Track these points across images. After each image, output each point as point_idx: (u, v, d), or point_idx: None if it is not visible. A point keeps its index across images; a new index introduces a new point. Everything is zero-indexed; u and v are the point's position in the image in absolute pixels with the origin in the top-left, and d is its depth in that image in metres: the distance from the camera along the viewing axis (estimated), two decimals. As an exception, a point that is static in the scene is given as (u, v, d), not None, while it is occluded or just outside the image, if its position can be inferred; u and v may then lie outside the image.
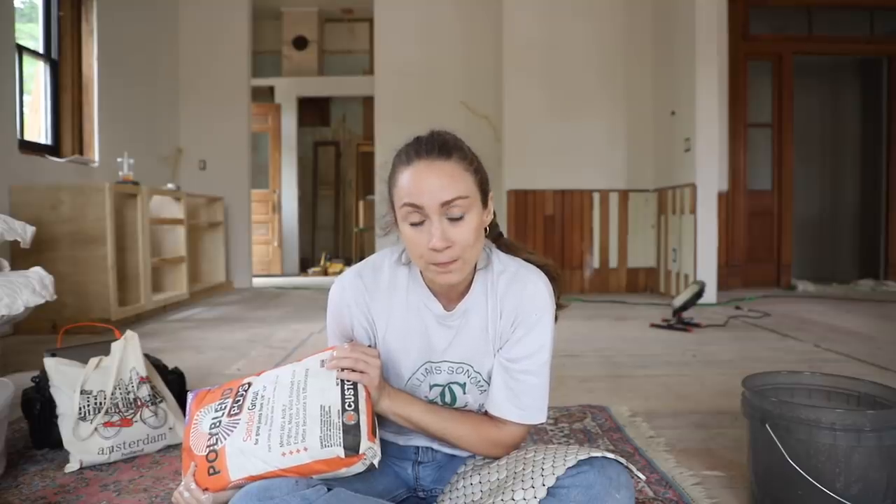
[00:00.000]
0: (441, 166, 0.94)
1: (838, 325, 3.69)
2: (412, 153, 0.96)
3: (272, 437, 0.94)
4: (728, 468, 1.57)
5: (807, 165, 6.38)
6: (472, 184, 0.97)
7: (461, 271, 0.98)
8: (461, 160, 0.96)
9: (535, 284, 1.05)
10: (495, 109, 5.66)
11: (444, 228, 0.94)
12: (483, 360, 1.08)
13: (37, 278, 2.59)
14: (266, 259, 7.65)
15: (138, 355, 1.70)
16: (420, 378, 1.09)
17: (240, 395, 1.03)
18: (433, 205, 0.93)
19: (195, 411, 1.03)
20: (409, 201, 0.94)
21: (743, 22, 5.51)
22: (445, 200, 0.93)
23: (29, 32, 4.15)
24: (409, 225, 0.96)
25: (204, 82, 5.82)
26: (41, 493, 1.42)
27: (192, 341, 3.32)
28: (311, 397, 0.98)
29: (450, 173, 0.94)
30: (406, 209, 0.95)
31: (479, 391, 1.09)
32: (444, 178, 0.94)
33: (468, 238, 0.95)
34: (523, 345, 1.04)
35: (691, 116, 4.64)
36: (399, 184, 0.96)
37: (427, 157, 0.94)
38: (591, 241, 5.43)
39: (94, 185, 3.75)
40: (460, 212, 0.95)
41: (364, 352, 1.00)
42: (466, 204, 0.95)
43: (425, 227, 0.95)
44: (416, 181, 0.94)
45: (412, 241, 0.97)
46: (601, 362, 2.77)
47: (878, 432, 1.13)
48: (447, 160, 0.95)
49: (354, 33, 8.34)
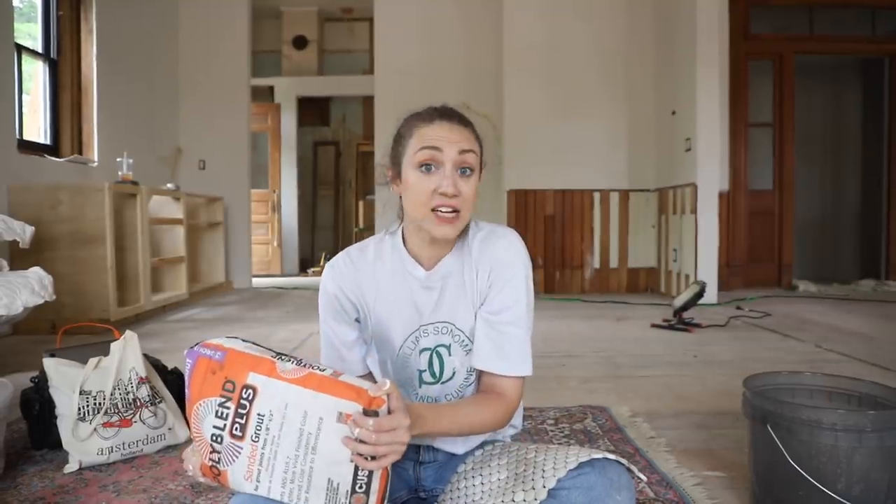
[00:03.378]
0: (461, 130, 1.04)
1: (839, 325, 3.68)
2: (435, 115, 1.05)
3: (272, 491, 0.89)
4: (729, 469, 1.56)
5: (808, 165, 6.37)
6: (479, 152, 1.07)
7: (457, 226, 1.03)
8: (474, 132, 1.07)
9: (508, 238, 1.10)
10: (496, 109, 5.65)
11: (455, 176, 1.01)
12: (465, 318, 1.10)
13: (36, 278, 2.59)
14: (266, 259, 7.65)
15: (138, 356, 1.70)
16: (411, 346, 1.10)
17: (242, 405, 0.91)
18: (452, 150, 1.01)
19: (196, 396, 0.93)
20: (429, 144, 1.01)
21: (744, 21, 5.51)
22: (464, 149, 1.02)
23: (28, 32, 4.15)
24: (421, 170, 1.02)
25: (203, 82, 5.82)
26: (40, 494, 1.42)
27: (191, 341, 3.28)
28: (318, 465, 0.87)
29: (468, 136, 1.04)
30: (424, 152, 1.01)
31: (464, 351, 1.10)
32: (465, 133, 1.04)
33: (471, 194, 1.03)
34: (503, 297, 1.07)
35: (692, 116, 4.64)
36: (418, 133, 1.03)
37: (449, 120, 1.04)
38: (591, 241, 5.42)
39: (93, 185, 3.74)
40: (470, 167, 1.03)
41: (391, 429, 0.84)
42: (475, 162, 1.04)
43: (437, 173, 1.01)
44: (437, 132, 1.02)
45: (420, 185, 1.02)
46: (602, 362, 2.77)
47: (880, 433, 1.13)
48: (466, 127, 1.05)
49: (354, 33, 8.34)
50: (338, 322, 1.12)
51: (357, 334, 1.13)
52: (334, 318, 1.12)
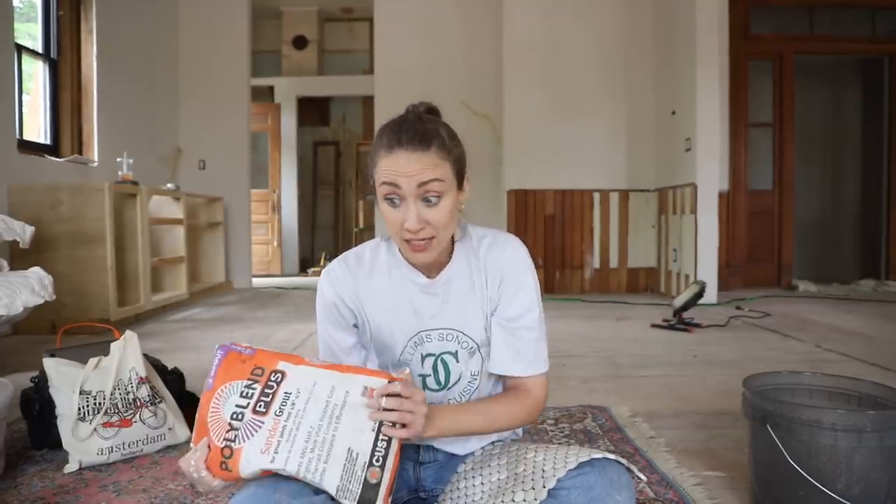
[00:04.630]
0: (420, 157, 0.97)
1: (839, 325, 3.68)
2: (394, 141, 0.99)
3: (289, 462, 0.90)
4: (729, 469, 1.56)
5: (808, 165, 6.37)
6: (449, 170, 1.00)
7: (434, 250, 1.02)
8: (440, 149, 0.99)
9: (512, 245, 1.11)
10: (496, 109, 5.65)
11: (419, 210, 0.98)
12: (474, 324, 1.10)
13: (36, 278, 2.59)
14: (266, 259, 7.65)
15: (138, 355, 1.70)
16: (411, 351, 1.10)
17: (270, 385, 0.95)
18: (410, 188, 0.97)
19: (220, 382, 0.96)
20: (387, 180, 0.98)
21: (744, 21, 5.50)
22: (421, 182, 0.97)
23: (28, 32, 4.15)
24: (387, 203, 1.00)
25: (203, 82, 5.82)
26: (40, 494, 1.42)
27: (191, 341, 3.31)
28: (341, 433, 0.92)
29: (428, 163, 0.97)
30: (385, 188, 0.99)
31: (470, 356, 1.11)
32: (422, 166, 0.97)
33: (442, 219, 1.00)
34: (516, 305, 1.09)
35: (692, 116, 4.64)
36: (379, 165, 1.00)
37: (408, 146, 0.97)
38: (591, 241, 5.42)
39: (93, 185, 3.74)
40: (436, 196, 0.98)
41: (412, 397, 0.93)
42: (442, 188, 0.99)
43: (402, 207, 0.99)
44: (395, 165, 0.97)
45: (389, 218, 1.01)
46: (602, 362, 2.77)
47: (880, 433, 1.13)
48: (426, 151, 0.98)
49: (354, 33, 8.33)
50: (336, 328, 1.12)
51: (355, 339, 1.13)
52: (332, 323, 1.12)
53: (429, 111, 1.10)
